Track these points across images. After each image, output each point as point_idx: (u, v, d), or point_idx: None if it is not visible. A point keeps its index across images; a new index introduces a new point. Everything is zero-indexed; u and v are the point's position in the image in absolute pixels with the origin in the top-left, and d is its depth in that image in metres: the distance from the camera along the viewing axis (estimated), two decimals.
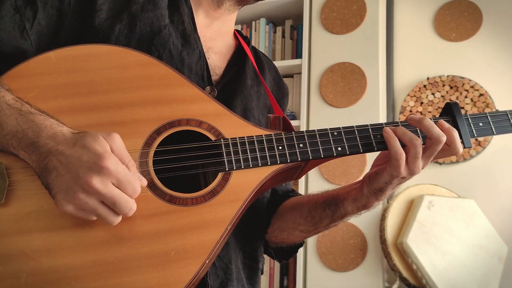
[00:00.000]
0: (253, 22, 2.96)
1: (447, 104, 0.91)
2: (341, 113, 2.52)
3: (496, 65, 2.49)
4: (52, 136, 0.72)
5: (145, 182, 0.76)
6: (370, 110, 2.47)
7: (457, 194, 2.34)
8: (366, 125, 0.89)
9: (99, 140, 0.70)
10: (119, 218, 0.73)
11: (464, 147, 0.87)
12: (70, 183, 0.69)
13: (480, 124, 0.90)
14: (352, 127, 0.89)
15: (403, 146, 0.86)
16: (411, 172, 0.86)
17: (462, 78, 2.51)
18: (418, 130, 0.88)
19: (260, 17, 2.94)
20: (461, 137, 0.87)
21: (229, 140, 0.85)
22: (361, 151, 0.88)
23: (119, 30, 0.90)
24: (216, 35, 1.06)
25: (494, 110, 2.42)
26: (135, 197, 0.72)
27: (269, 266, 2.62)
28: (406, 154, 0.85)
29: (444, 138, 0.84)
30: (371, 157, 2.40)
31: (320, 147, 0.87)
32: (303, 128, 2.56)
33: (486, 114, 0.90)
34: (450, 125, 0.86)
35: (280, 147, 0.86)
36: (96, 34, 0.88)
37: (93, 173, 0.68)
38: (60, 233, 0.75)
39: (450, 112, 0.90)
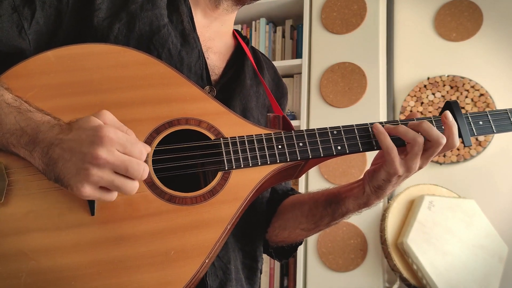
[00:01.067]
0: (253, 22, 2.96)
1: (447, 102, 0.90)
2: (342, 113, 2.52)
3: (496, 65, 2.49)
4: (50, 129, 0.72)
5: (148, 147, 0.75)
6: (370, 110, 2.47)
7: (457, 194, 2.34)
8: (366, 124, 0.89)
9: (91, 118, 0.71)
10: (137, 184, 0.72)
11: (464, 146, 0.87)
12: (79, 164, 0.68)
13: (480, 122, 0.90)
14: (352, 126, 0.89)
15: (403, 144, 0.85)
16: (408, 170, 0.86)
17: (463, 78, 2.51)
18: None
19: (260, 17, 2.94)
20: (461, 136, 0.87)
21: (229, 139, 0.85)
22: (361, 150, 0.88)
23: (118, 30, 0.90)
24: (215, 35, 1.06)
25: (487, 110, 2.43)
26: (143, 159, 0.72)
27: (269, 266, 2.62)
28: (406, 151, 0.85)
29: (443, 141, 0.84)
30: (371, 157, 2.39)
31: (320, 146, 0.87)
32: (303, 128, 2.56)
33: (486, 112, 0.90)
34: (418, 121, 0.86)
35: (279, 146, 0.86)
36: (95, 33, 0.88)
37: (96, 146, 0.67)
38: (60, 233, 0.74)
39: (450, 111, 0.90)
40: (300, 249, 2.44)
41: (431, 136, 0.84)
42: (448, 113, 0.86)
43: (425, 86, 2.57)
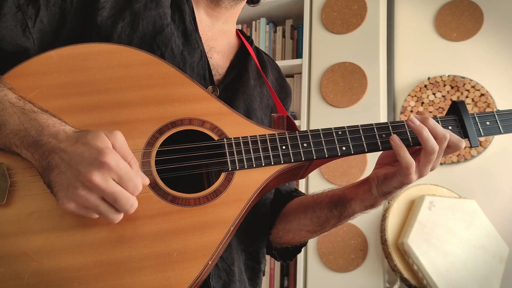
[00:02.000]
0: (253, 22, 2.95)
1: (453, 102, 0.90)
2: (342, 113, 2.51)
3: (497, 65, 2.49)
4: (54, 134, 0.71)
5: (147, 180, 0.75)
6: (370, 110, 2.47)
7: (458, 194, 2.34)
8: (371, 125, 0.88)
9: (101, 137, 0.70)
10: (121, 216, 0.72)
11: (471, 147, 0.87)
12: (71, 180, 0.68)
13: (487, 123, 0.89)
14: (357, 126, 0.88)
15: (409, 145, 0.85)
16: (421, 176, 0.86)
17: (463, 78, 2.50)
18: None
19: (260, 17, 2.93)
20: (467, 137, 0.87)
21: (232, 139, 0.84)
22: (366, 150, 0.87)
23: (122, 29, 0.89)
24: (218, 35, 1.06)
25: (495, 110, 2.42)
26: (136, 194, 0.71)
27: (270, 266, 2.62)
28: (420, 159, 0.85)
29: (463, 144, 0.84)
30: (371, 157, 2.39)
31: (324, 147, 0.86)
32: (303, 128, 2.56)
33: (493, 112, 0.89)
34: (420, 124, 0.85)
35: (283, 147, 0.85)
36: (98, 32, 0.87)
37: (93, 169, 0.67)
38: (62, 234, 0.74)
39: (456, 111, 0.89)
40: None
41: (436, 136, 0.84)
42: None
43: (425, 86, 2.57)
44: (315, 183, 2.49)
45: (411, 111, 2.57)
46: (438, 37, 2.62)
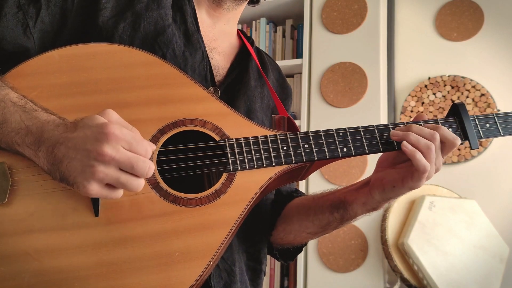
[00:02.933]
0: (254, 22, 2.95)
1: (453, 104, 0.90)
2: (342, 113, 2.51)
3: (497, 65, 2.49)
4: (55, 128, 0.71)
5: (153, 145, 0.74)
6: (371, 110, 2.46)
7: (458, 194, 2.34)
8: (372, 126, 0.88)
9: (96, 116, 0.70)
10: (142, 181, 0.71)
11: (471, 149, 0.86)
12: (84, 161, 0.67)
13: (487, 125, 0.89)
14: (358, 127, 0.88)
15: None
16: (428, 178, 0.86)
17: (464, 78, 2.50)
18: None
19: (260, 17, 2.93)
20: (467, 139, 0.87)
21: (234, 140, 0.84)
22: (367, 152, 0.87)
23: (123, 29, 0.89)
24: (219, 35, 1.06)
25: (495, 110, 2.42)
26: (148, 157, 0.71)
27: (270, 266, 2.61)
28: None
29: (458, 141, 0.84)
30: (371, 158, 2.39)
31: (326, 148, 0.86)
32: (303, 128, 2.56)
33: (493, 115, 0.89)
34: (433, 125, 0.86)
35: (285, 148, 0.85)
36: (99, 33, 0.87)
37: (101, 142, 0.67)
38: (63, 234, 0.74)
39: (456, 113, 0.90)
40: None
41: (443, 136, 0.85)
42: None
43: (426, 86, 2.57)
44: (315, 183, 2.49)
45: (412, 111, 2.57)
46: (438, 37, 2.62)
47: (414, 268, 2.10)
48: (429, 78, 2.57)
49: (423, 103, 2.56)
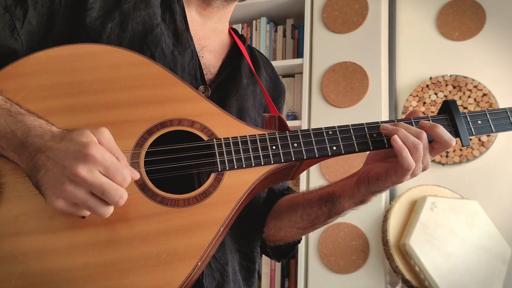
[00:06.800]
0: (254, 21, 2.95)
1: (444, 102, 0.89)
2: (343, 113, 2.50)
3: (499, 64, 2.47)
4: (41, 134, 0.71)
5: (137, 174, 0.73)
6: (372, 110, 2.45)
7: (460, 195, 2.32)
8: (362, 124, 0.88)
9: (86, 133, 0.69)
10: (111, 209, 0.70)
11: (462, 146, 0.86)
12: (58, 176, 0.67)
13: (479, 122, 0.88)
14: (348, 126, 0.87)
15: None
16: (414, 176, 0.85)
17: (465, 77, 2.48)
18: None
19: (261, 16, 2.93)
20: (459, 136, 0.86)
21: (222, 140, 0.84)
22: (356, 150, 0.86)
23: (111, 29, 0.89)
24: (210, 34, 1.05)
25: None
26: (125, 186, 0.70)
27: (270, 268, 2.61)
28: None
29: (453, 142, 0.84)
30: None
31: (315, 147, 0.86)
32: (304, 128, 2.55)
33: (485, 111, 0.88)
34: (431, 123, 0.86)
35: (274, 147, 0.85)
36: (87, 33, 0.87)
37: (78, 162, 0.66)
38: (51, 236, 0.73)
39: (447, 110, 0.89)
40: (301, 251, 2.43)
41: (441, 138, 0.84)
42: (423, 121, 0.85)
43: (427, 86, 2.56)
44: (316, 184, 2.47)
45: None
46: (440, 36, 2.60)
47: (415, 269, 2.09)
48: (430, 78, 2.56)
49: (424, 103, 2.55)
